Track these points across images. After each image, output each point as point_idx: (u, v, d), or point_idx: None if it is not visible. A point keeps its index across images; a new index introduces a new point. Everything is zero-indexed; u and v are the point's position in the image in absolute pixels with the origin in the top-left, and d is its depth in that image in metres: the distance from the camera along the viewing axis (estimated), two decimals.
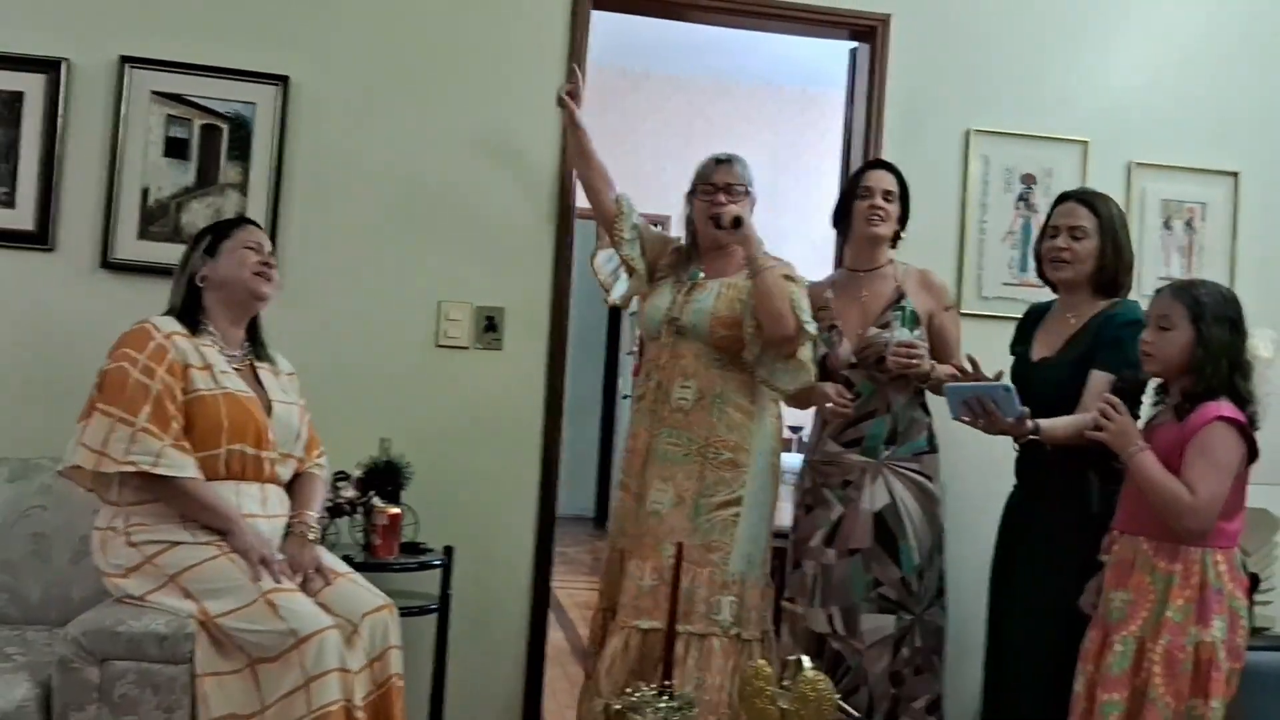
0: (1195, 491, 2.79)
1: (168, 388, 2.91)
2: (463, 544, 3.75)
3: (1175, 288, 2.97)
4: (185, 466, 2.89)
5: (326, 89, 3.85)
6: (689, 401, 3.43)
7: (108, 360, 2.98)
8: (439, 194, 3.92)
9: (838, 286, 3.70)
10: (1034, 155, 4.24)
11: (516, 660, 3.97)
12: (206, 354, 3.04)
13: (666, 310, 3.53)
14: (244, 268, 3.12)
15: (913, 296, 3.58)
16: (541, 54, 3.99)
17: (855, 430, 3.54)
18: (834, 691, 2.21)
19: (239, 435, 2.99)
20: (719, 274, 3.55)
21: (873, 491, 3.48)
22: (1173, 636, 2.79)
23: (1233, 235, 4.37)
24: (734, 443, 3.41)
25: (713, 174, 3.58)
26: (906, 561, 3.45)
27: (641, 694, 2.38)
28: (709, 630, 3.31)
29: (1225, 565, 2.85)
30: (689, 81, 7.98)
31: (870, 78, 4.21)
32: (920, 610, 3.46)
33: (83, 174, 3.72)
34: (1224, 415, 2.82)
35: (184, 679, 2.77)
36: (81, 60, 3.73)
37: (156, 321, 3.04)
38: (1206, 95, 4.38)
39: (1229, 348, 2.88)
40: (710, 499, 3.39)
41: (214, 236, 3.17)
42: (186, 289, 3.12)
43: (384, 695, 2.96)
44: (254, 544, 2.90)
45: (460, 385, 3.92)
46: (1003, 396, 3.02)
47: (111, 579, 2.92)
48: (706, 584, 3.34)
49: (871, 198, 3.60)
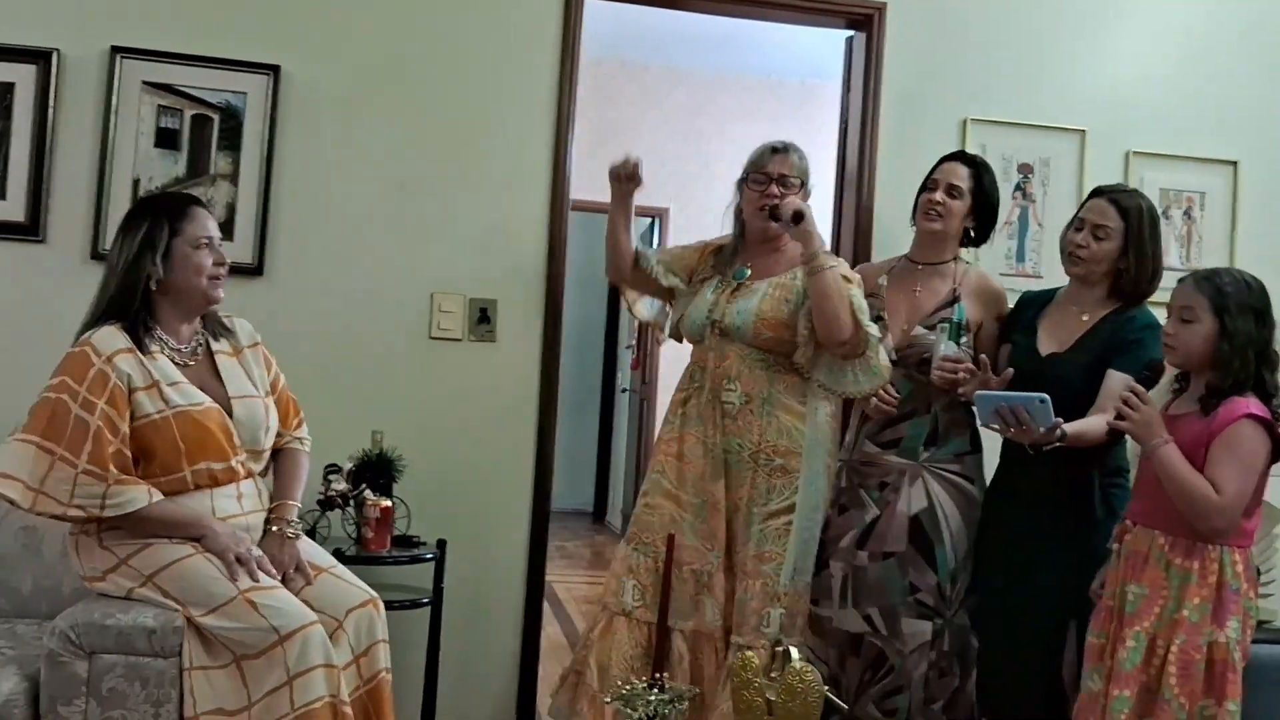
0: (1221, 490, 2.71)
1: (108, 420, 2.76)
2: (456, 537, 3.74)
3: (1197, 278, 2.87)
4: (133, 500, 2.78)
5: (318, 79, 3.83)
6: (735, 405, 3.32)
7: (49, 382, 2.83)
8: (431, 184, 3.90)
9: (893, 275, 3.53)
10: (1031, 145, 4.21)
11: (510, 654, 3.95)
12: (154, 368, 2.87)
13: (708, 312, 3.39)
14: (200, 275, 2.93)
15: (966, 300, 3.39)
16: (535, 43, 3.96)
17: (893, 431, 3.40)
18: (821, 683, 2.18)
19: (199, 454, 2.88)
20: (767, 272, 3.40)
21: (910, 494, 3.34)
22: (1188, 636, 2.73)
23: (1231, 224, 4.35)
24: (785, 448, 3.30)
25: (767, 163, 3.39)
26: (942, 567, 3.31)
27: (633, 687, 2.36)
28: (755, 642, 3.19)
29: (1242, 565, 2.78)
30: (688, 74, 7.95)
31: (866, 67, 4.19)
32: (950, 614, 3.33)
33: (73, 165, 3.71)
34: (1253, 413, 2.74)
35: (172, 673, 2.75)
36: (72, 51, 3.71)
37: (97, 342, 2.84)
38: (1205, 84, 4.36)
39: (1255, 340, 2.79)
40: (763, 507, 3.29)
41: (169, 233, 2.92)
42: (139, 291, 2.89)
43: (372, 690, 2.92)
44: (228, 544, 2.83)
45: (453, 377, 3.90)
46: (1038, 409, 2.93)
47: (90, 582, 2.88)
48: (759, 595, 3.26)
49: (933, 191, 3.43)
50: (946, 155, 3.59)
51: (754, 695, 2.22)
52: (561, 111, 3.97)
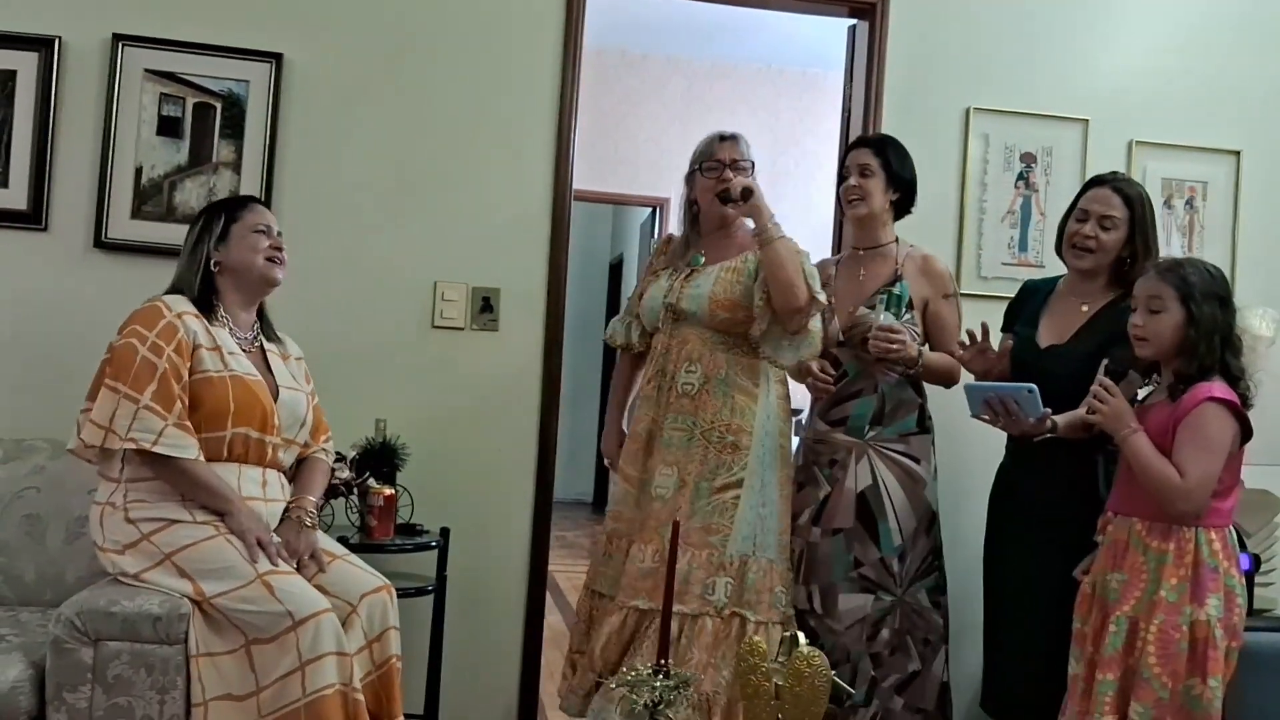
0: (1185, 474, 2.78)
1: (174, 366, 2.90)
2: (459, 526, 3.74)
3: (1161, 269, 2.93)
4: (186, 447, 2.87)
5: (320, 67, 3.82)
6: (694, 386, 3.40)
7: (117, 336, 2.96)
8: (434, 173, 3.89)
9: (841, 264, 3.67)
10: (1034, 134, 4.21)
11: (513, 642, 3.96)
12: (217, 335, 3.03)
13: (664, 297, 3.50)
14: (256, 253, 3.10)
15: (910, 280, 3.51)
16: (538, 32, 3.95)
17: (841, 410, 3.52)
18: (829, 666, 2.19)
19: (244, 419, 2.98)
20: (720, 257, 3.50)
21: (857, 471, 3.46)
22: (1166, 616, 2.78)
23: (1234, 214, 4.34)
24: (736, 425, 3.38)
25: (717, 150, 3.52)
26: (886, 543, 3.42)
27: (638, 673, 2.36)
28: (702, 610, 3.29)
29: (1219, 543, 2.83)
30: (688, 63, 7.94)
31: (869, 56, 4.18)
32: (901, 592, 3.43)
33: (76, 153, 3.70)
34: (1215, 395, 2.80)
35: (178, 659, 2.76)
36: (74, 38, 3.70)
37: (168, 300, 3.01)
38: (1208, 73, 4.35)
39: (1220, 325, 2.86)
40: (711, 482, 3.36)
41: (225, 219, 3.13)
42: (201, 272, 3.08)
43: (383, 676, 2.96)
44: (251, 526, 2.88)
45: (456, 366, 3.90)
46: (1026, 398, 2.98)
47: (108, 554, 2.90)
48: (704, 566, 3.32)
49: (848, 178, 3.57)
50: (852, 142, 3.77)
51: (761, 679, 2.22)
52: (564, 100, 3.96)
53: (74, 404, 3.01)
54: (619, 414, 3.80)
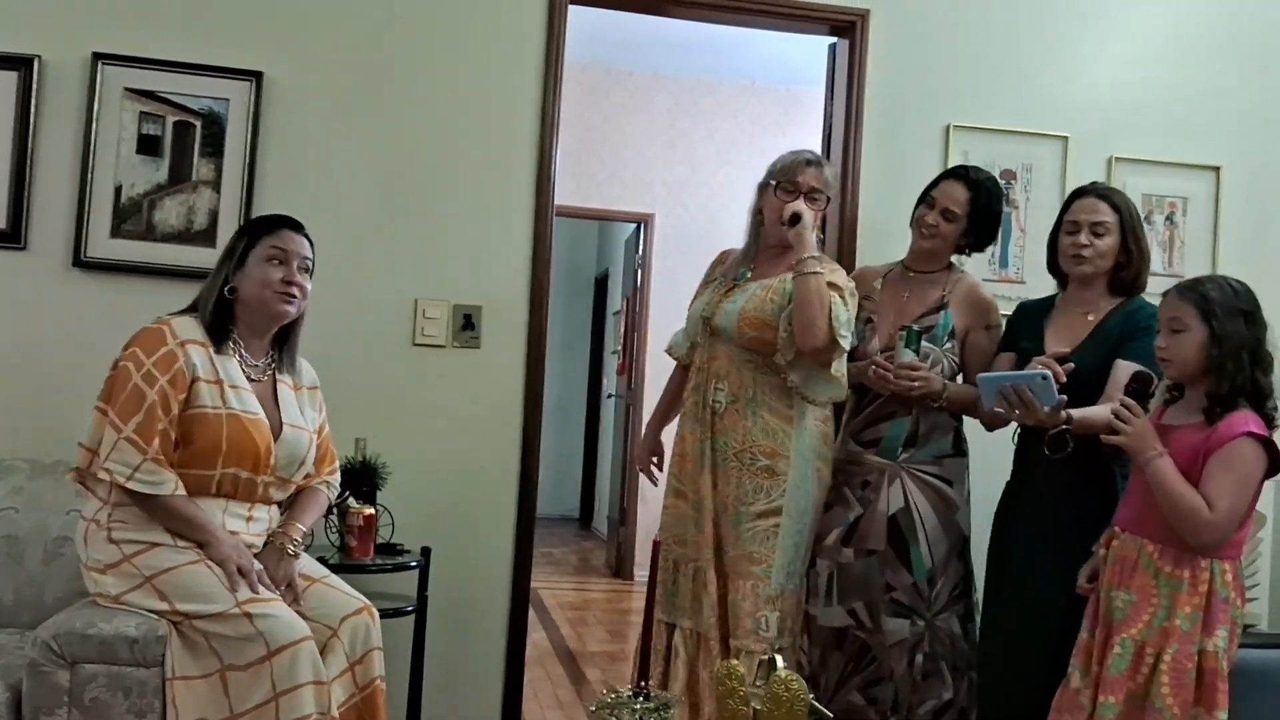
0: (1214, 507, 2.70)
1: (164, 398, 2.82)
2: (440, 545, 3.73)
3: (1181, 288, 2.86)
4: (161, 484, 2.81)
5: (300, 85, 3.82)
6: (722, 404, 3.35)
7: (120, 354, 2.92)
8: (415, 191, 3.89)
9: (888, 279, 3.58)
10: (1014, 151, 4.22)
11: (496, 662, 3.94)
12: (223, 367, 2.93)
13: (703, 311, 3.45)
14: (266, 287, 2.98)
15: (955, 308, 3.43)
16: (519, 49, 3.96)
17: (874, 431, 3.44)
18: (806, 691, 2.18)
19: (236, 459, 2.91)
20: (766, 275, 3.42)
21: (889, 494, 3.37)
22: (1181, 645, 2.72)
23: (1214, 229, 4.36)
24: (770, 448, 3.31)
25: (800, 173, 3.40)
26: (918, 567, 3.34)
27: (618, 695, 2.35)
28: (754, 646, 3.22)
29: (1232, 575, 2.78)
30: (672, 80, 7.96)
31: (850, 73, 4.20)
32: (931, 616, 3.36)
33: (55, 172, 3.70)
34: (1252, 430, 2.73)
35: (155, 682, 2.74)
36: (53, 57, 3.70)
37: (176, 323, 2.93)
38: (1188, 89, 4.37)
39: (1247, 341, 2.78)
40: (749, 507, 3.31)
41: (247, 243, 3.03)
42: (217, 297, 2.98)
43: (367, 698, 2.92)
44: (231, 554, 2.84)
45: (438, 384, 3.89)
46: (1040, 385, 2.93)
47: (91, 572, 2.88)
48: (751, 597, 3.27)
49: (929, 211, 3.47)
50: (948, 171, 3.62)
51: (739, 704, 2.21)
52: (546, 117, 3.96)
53: (52, 423, 3.01)
54: (658, 424, 3.73)
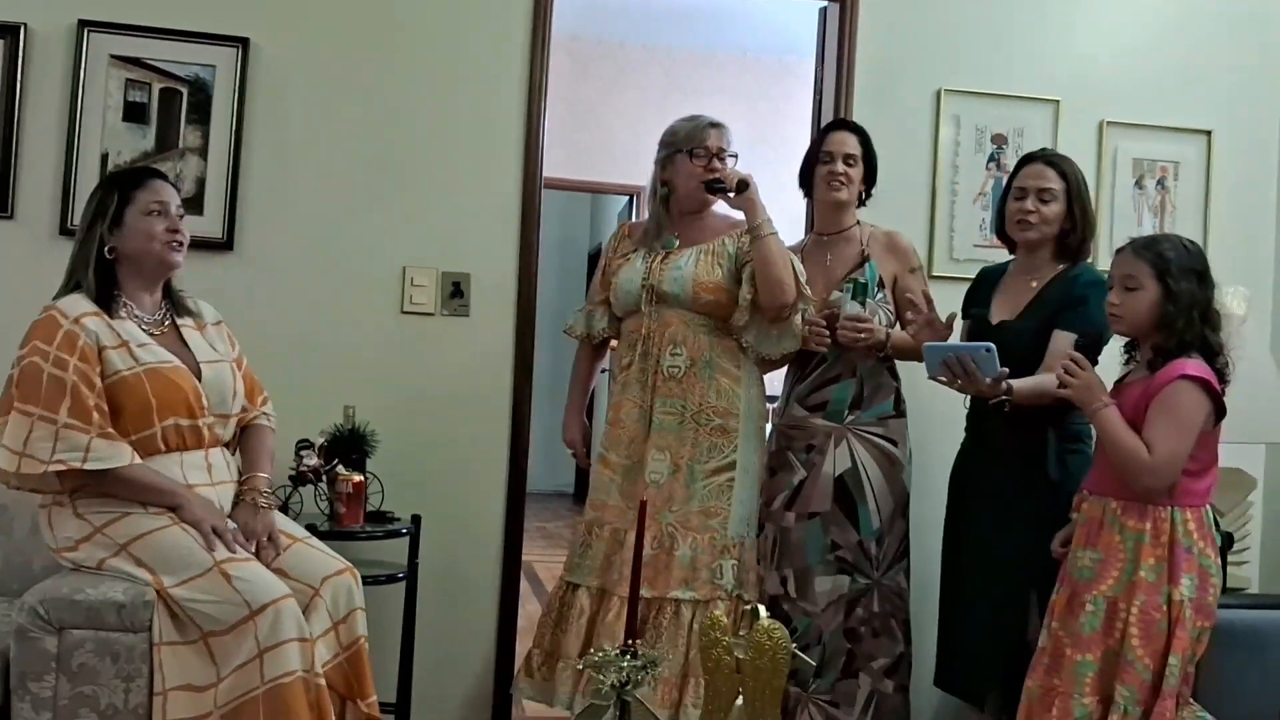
0: (1154, 450, 2.77)
1: (83, 375, 2.79)
2: (431, 513, 3.72)
3: (1136, 246, 2.91)
4: (117, 455, 2.79)
5: (288, 51, 3.80)
6: (681, 369, 3.41)
7: (18, 353, 2.85)
8: (403, 158, 3.87)
9: (806, 252, 3.66)
10: (1005, 115, 4.20)
11: (487, 629, 3.94)
12: (122, 329, 2.90)
13: (643, 279, 3.48)
14: (153, 240, 2.94)
15: (878, 259, 3.53)
16: (507, 17, 3.93)
17: (820, 395, 3.52)
18: (789, 640, 2.18)
19: (170, 410, 2.88)
20: (694, 241, 3.49)
21: (835, 455, 3.46)
22: (1147, 596, 2.77)
23: (1205, 194, 4.35)
24: (723, 408, 3.40)
25: (707, 137, 3.49)
26: (865, 526, 3.44)
27: (605, 654, 2.35)
28: (713, 595, 3.30)
29: (1195, 523, 2.82)
30: (665, 52, 7.93)
31: (840, 38, 4.17)
32: (879, 575, 3.45)
33: (41, 140, 3.67)
34: (1188, 373, 2.79)
35: (143, 647, 2.73)
36: (39, 25, 3.67)
37: (63, 306, 2.88)
38: (1179, 54, 4.35)
39: (1198, 300, 2.84)
40: (705, 465, 3.38)
41: (118, 201, 2.96)
42: (96, 262, 2.93)
43: (352, 657, 2.92)
44: (204, 515, 2.83)
45: (426, 352, 3.88)
46: (983, 357, 2.99)
47: (62, 554, 2.86)
48: (708, 549, 3.34)
49: (832, 163, 3.56)
50: (829, 124, 3.78)
51: (723, 653, 2.22)
52: (533, 86, 3.93)
53: None
54: (580, 403, 3.80)
